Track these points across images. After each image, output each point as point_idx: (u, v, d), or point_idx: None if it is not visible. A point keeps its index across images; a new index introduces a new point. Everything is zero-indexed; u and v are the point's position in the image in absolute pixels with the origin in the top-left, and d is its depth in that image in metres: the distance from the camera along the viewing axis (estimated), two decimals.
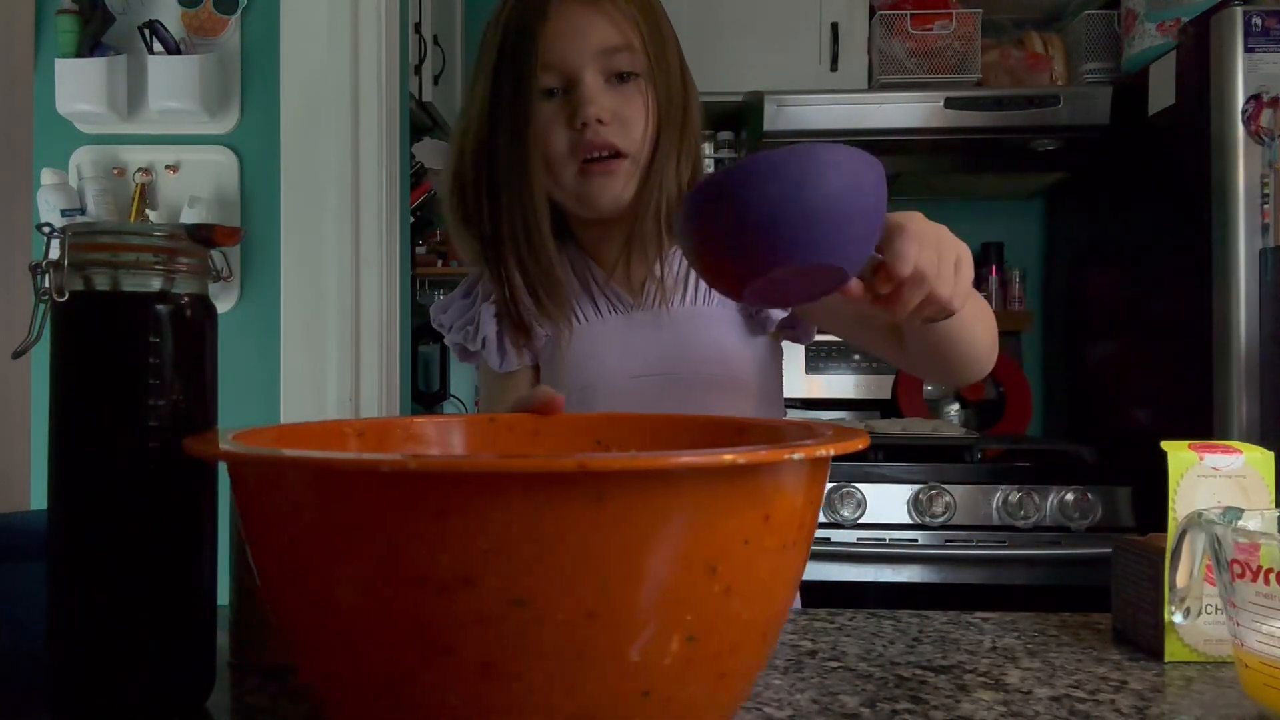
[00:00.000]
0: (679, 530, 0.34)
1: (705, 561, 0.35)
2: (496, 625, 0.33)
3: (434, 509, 0.33)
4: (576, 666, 0.34)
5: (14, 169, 0.79)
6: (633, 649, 0.35)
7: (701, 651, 0.36)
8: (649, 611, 0.35)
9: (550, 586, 0.33)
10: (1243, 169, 1.66)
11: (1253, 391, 1.64)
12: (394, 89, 1.73)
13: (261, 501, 0.38)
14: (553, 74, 0.81)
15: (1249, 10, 1.66)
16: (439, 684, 0.35)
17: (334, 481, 0.35)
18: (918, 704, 0.50)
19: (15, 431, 0.79)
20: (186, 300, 0.48)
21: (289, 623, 0.39)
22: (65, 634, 0.46)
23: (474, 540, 0.33)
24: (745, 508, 0.36)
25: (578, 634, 0.34)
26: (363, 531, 0.34)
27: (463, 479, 0.33)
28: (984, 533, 1.84)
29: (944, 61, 2.24)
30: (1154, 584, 0.59)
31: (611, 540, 0.33)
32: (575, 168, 0.82)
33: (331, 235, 1.63)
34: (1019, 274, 2.48)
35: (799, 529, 0.39)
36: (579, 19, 0.80)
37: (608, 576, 0.34)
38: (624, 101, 0.82)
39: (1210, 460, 0.59)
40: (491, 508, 0.33)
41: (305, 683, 0.44)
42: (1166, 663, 0.58)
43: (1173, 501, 0.59)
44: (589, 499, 0.33)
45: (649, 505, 0.34)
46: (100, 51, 1.66)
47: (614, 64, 0.81)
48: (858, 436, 0.40)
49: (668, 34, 0.85)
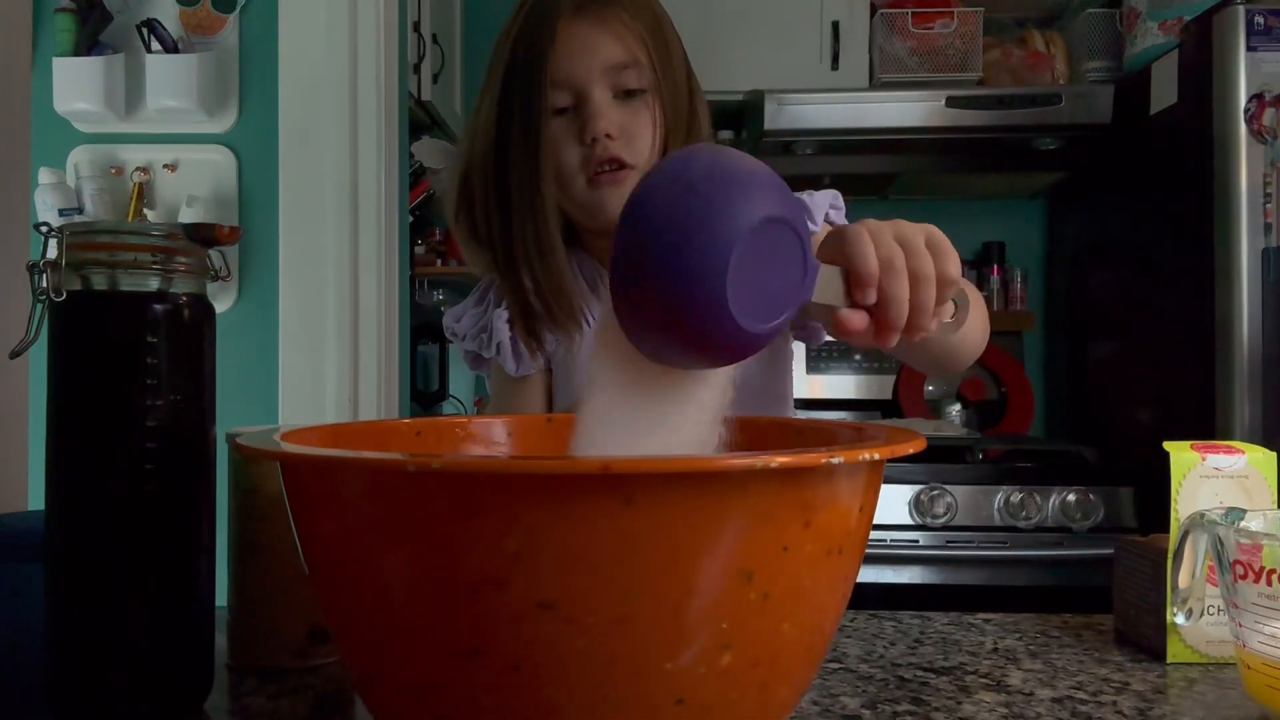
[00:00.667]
0: (710, 535, 0.34)
1: (740, 568, 0.34)
2: (526, 627, 0.33)
3: (463, 509, 0.33)
4: (607, 671, 0.34)
5: (11, 168, 0.79)
6: (664, 656, 0.34)
7: (739, 661, 0.36)
8: (680, 618, 0.34)
9: (578, 590, 0.33)
10: (1245, 168, 1.65)
11: (1255, 391, 1.64)
12: (393, 88, 1.73)
13: (307, 500, 0.39)
14: (562, 92, 0.82)
15: (1251, 9, 1.65)
16: (471, 684, 0.35)
17: (366, 480, 0.35)
18: (919, 705, 0.50)
19: (13, 431, 0.78)
20: (184, 300, 0.48)
21: (334, 620, 0.40)
22: (64, 634, 0.46)
23: (501, 541, 0.33)
24: (782, 513, 0.35)
25: (608, 639, 0.34)
26: (396, 530, 0.35)
27: (488, 479, 0.33)
28: (985, 533, 1.84)
29: (945, 60, 2.24)
30: (1156, 585, 0.59)
31: (640, 544, 0.33)
32: (585, 181, 0.84)
33: (330, 234, 1.63)
34: (1020, 274, 2.47)
35: (846, 535, 0.38)
36: (587, 37, 0.82)
37: (637, 581, 0.33)
38: (631, 116, 0.83)
39: (1212, 461, 0.59)
40: (518, 508, 0.32)
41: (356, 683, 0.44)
42: (1169, 664, 0.57)
43: (1175, 502, 0.59)
44: (616, 501, 0.32)
45: (678, 508, 0.33)
46: (98, 50, 1.65)
47: (621, 81, 0.83)
48: (909, 439, 0.39)
49: (674, 47, 0.87)
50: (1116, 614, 0.63)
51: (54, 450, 0.47)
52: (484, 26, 2.51)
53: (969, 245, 2.54)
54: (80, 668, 0.46)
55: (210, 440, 0.50)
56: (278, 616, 0.55)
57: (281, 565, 0.55)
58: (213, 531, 0.50)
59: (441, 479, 0.33)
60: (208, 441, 0.50)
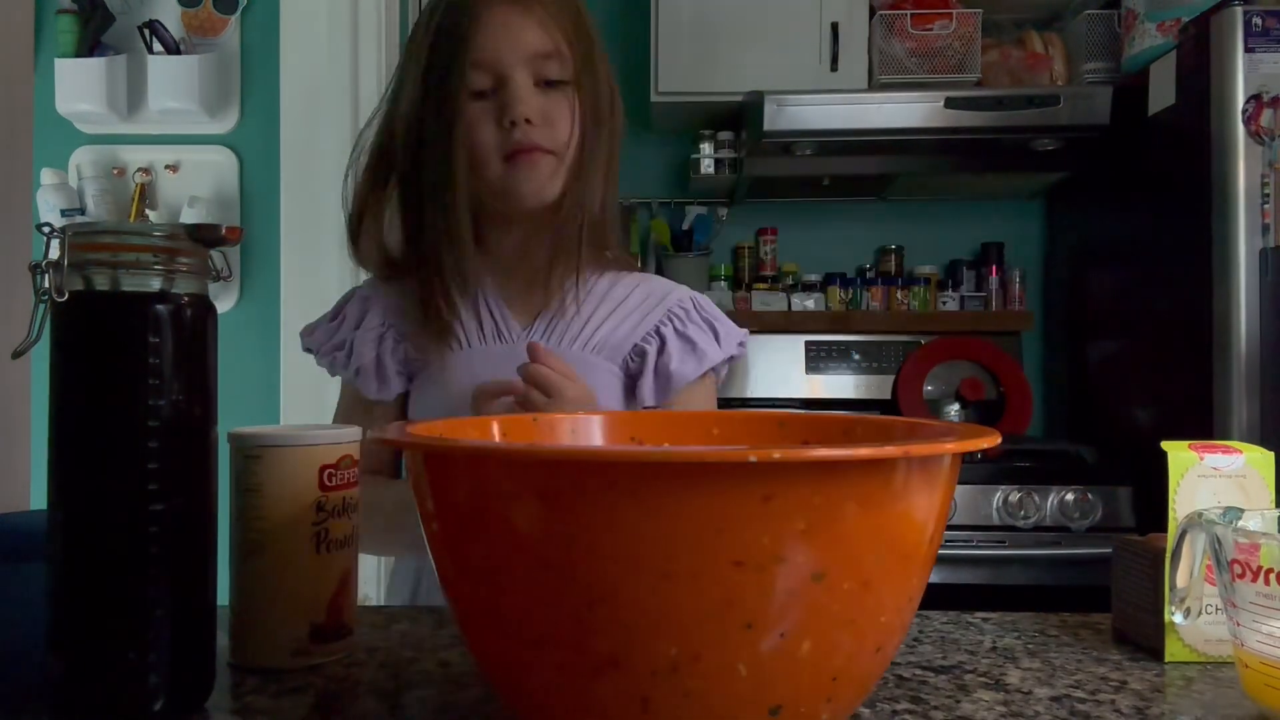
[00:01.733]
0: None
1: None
2: (801, 597, 0.37)
3: (762, 494, 0.35)
4: (850, 629, 0.39)
5: (14, 169, 0.79)
6: (890, 611, 0.40)
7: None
8: (897, 579, 0.39)
9: (839, 561, 0.37)
10: (1243, 169, 1.66)
11: (1253, 391, 1.64)
12: None
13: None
14: (483, 74, 0.82)
15: (1249, 10, 1.66)
16: (744, 653, 0.37)
17: (681, 477, 0.36)
18: (918, 704, 0.50)
19: (15, 431, 0.79)
20: (186, 300, 0.48)
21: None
22: (65, 634, 0.46)
23: (792, 522, 0.36)
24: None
25: (854, 601, 0.38)
26: (699, 520, 0.36)
27: (802, 468, 0.35)
28: (984, 533, 1.84)
29: (944, 61, 2.25)
30: (1154, 584, 0.59)
31: (890, 517, 0.38)
32: (500, 162, 0.83)
33: (331, 235, 1.63)
34: (1019, 274, 2.48)
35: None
36: (511, 21, 0.81)
37: (882, 549, 0.38)
38: (552, 105, 0.83)
39: (1210, 460, 0.59)
40: (807, 492, 0.36)
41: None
42: (1167, 663, 0.58)
43: (1173, 501, 0.59)
44: (878, 482, 0.37)
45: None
46: (100, 51, 1.66)
47: (544, 70, 0.82)
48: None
49: (596, 44, 0.86)
50: (1115, 613, 0.63)
51: (55, 450, 0.47)
52: None
53: (968, 245, 2.55)
54: (81, 667, 0.46)
55: (212, 440, 0.50)
56: (279, 616, 0.56)
57: (283, 565, 0.55)
58: (214, 530, 0.50)
59: (764, 469, 0.35)
60: (209, 441, 0.50)
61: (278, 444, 0.56)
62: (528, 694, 0.41)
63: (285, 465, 0.56)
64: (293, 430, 0.57)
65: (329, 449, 0.57)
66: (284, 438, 0.56)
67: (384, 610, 0.69)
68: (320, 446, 0.57)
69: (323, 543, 0.56)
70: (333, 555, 0.57)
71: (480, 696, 0.51)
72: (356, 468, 0.59)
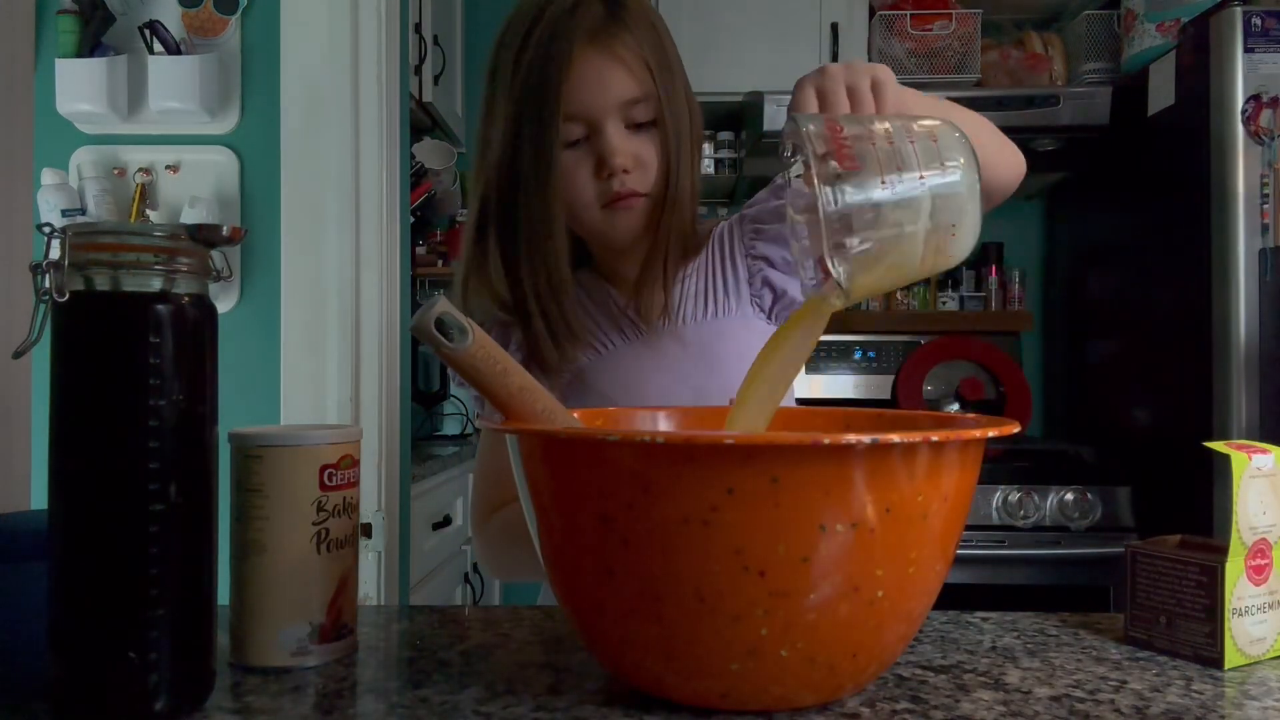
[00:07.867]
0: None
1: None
2: (859, 546, 0.45)
3: (883, 470, 0.45)
4: (903, 570, 0.47)
5: (14, 169, 0.79)
6: (914, 565, 0.48)
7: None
8: (922, 534, 0.48)
9: (884, 519, 0.46)
10: (1242, 169, 1.66)
11: (1252, 391, 1.65)
12: (394, 89, 1.73)
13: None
14: (576, 125, 0.82)
15: (1248, 10, 1.66)
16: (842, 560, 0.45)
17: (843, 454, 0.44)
18: (917, 704, 0.51)
19: (15, 431, 0.79)
20: (187, 300, 0.48)
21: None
22: (65, 634, 0.46)
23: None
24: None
25: (898, 552, 0.47)
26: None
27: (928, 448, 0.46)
28: (983, 532, 1.84)
29: (944, 62, 2.25)
30: (1207, 591, 0.57)
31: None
32: (599, 210, 0.84)
33: (332, 235, 1.63)
34: (1019, 274, 2.48)
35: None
36: (602, 69, 0.81)
37: (929, 505, 0.47)
38: (642, 147, 0.84)
39: (1257, 461, 0.58)
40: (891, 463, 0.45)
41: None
42: (1227, 670, 0.56)
43: (1236, 504, 0.58)
44: (927, 458, 0.47)
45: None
46: (100, 51, 1.66)
47: (633, 115, 0.83)
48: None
49: (677, 73, 0.87)
50: (1130, 620, 0.62)
51: (56, 450, 0.47)
52: (485, 28, 2.51)
53: None
54: (81, 668, 0.46)
55: (212, 440, 0.50)
56: (279, 616, 0.56)
57: (283, 565, 0.56)
58: (215, 529, 0.50)
59: (903, 449, 0.45)
60: (210, 441, 0.50)
61: (278, 444, 0.56)
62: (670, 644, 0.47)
63: (285, 465, 0.56)
64: (293, 430, 0.57)
65: (329, 449, 0.57)
66: (284, 438, 0.56)
67: (384, 610, 0.69)
68: (320, 446, 0.57)
69: (323, 543, 0.56)
70: (333, 555, 0.57)
71: (481, 696, 0.51)
72: (358, 468, 0.59)
